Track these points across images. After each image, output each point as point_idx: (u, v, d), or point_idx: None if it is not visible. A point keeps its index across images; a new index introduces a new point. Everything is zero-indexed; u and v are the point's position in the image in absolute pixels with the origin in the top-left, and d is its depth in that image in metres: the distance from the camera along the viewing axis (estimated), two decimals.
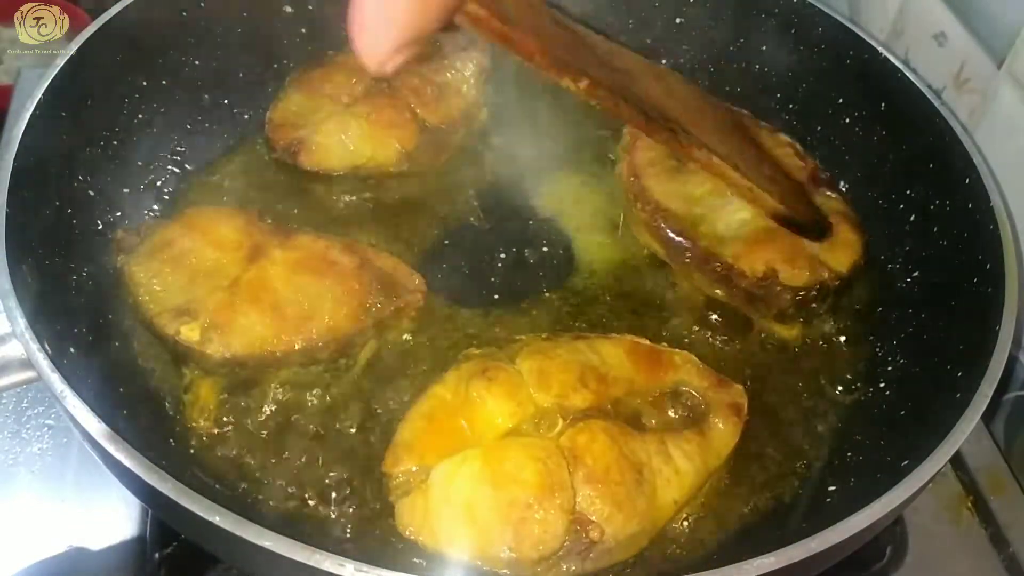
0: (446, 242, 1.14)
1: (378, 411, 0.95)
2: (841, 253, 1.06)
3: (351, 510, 0.89)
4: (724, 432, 0.92)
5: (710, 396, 0.94)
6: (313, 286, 0.96)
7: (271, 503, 0.89)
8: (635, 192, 1.13)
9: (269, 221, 1.04)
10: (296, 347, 0.94)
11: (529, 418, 0.86)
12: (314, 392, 0.96)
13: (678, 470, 0.87)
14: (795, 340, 1.07)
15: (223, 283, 0.94)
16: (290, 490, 0.90)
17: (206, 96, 1.20)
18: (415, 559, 0.83)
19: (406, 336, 1.02)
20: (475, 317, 1.06)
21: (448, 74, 1.22)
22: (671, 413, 0.93)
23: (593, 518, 0.82)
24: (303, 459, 0.92)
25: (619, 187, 1.17)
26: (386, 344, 1.01)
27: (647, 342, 0.98)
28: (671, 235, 1.09)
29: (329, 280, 0.97)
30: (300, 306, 0.94)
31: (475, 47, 1.26)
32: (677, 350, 0.98)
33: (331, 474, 0.91)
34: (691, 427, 0.91)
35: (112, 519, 0.96)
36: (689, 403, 0.94)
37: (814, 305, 1.07)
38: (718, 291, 1.09)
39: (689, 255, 1.08)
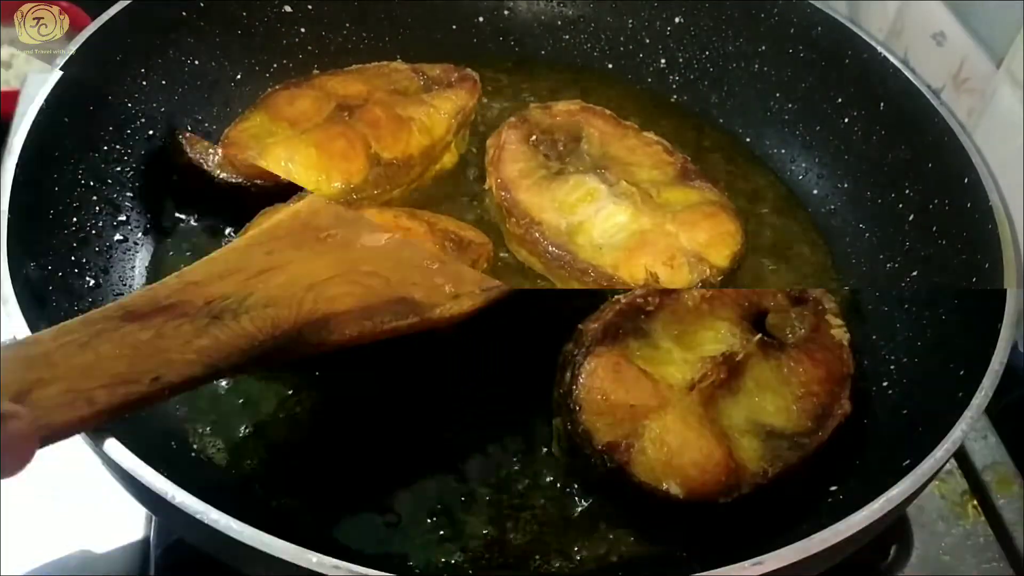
0: None
1: None
2: (721, 246, 1.04)
3: None
4: None
5: None
6: None
7: None
8: (508, 207, 1.09)
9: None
10: None
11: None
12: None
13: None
14: None
15: None
16: None
17: (206, 96, 1.20)
18: None
19: None
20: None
21: (421, 108, 1.16)
22: None
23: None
24: None
25: (491, 204, 1.14)
26: None
27: None
28: (548, 248, 1.05)
29: None
30: None
31: (462, 86, 1.21)
32: None
33: None
34: None
35: (116, 521, 0.96)
36: None
37: None
38: None
39: (568, 268, 1.04)
